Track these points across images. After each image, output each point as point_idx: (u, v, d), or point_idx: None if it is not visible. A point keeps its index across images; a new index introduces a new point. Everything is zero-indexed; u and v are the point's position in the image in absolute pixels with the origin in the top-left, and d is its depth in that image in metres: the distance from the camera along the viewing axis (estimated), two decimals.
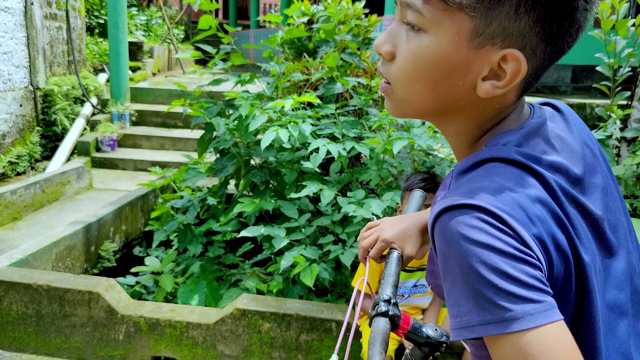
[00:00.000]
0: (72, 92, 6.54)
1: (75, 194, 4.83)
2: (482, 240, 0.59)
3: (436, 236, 0.64)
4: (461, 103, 0.71)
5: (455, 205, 0.62)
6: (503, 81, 0.67)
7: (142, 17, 10.78)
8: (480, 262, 0.59)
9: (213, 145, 3.38)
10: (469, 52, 0.66)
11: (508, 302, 0.58)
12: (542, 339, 0.57)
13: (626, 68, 4.01)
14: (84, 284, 2.48)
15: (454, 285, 0.62)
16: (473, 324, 0.60)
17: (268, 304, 2.42)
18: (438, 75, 0.69)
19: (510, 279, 0.58)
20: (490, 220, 0.60)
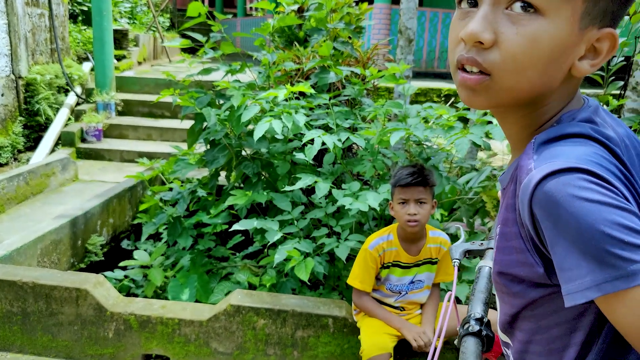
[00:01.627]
0: (56, 81, 6.38)
1: (60, 186, 4.72)
2: (595, 198, 0.60)
3: (541, 203, 0.64)
4: (556, 84, 0.72)
5: (558, 169, 0.63)
6: (599, 59, 0.70)
7: (126, 5, 10.55)
8: (600, 218, 0.59)
9: (203, 136, 3.30)
10: (578, 33, 0.68)
11: (632, 254, 0.58)
12: None
13: (619, 57, 3.98)
14: (71, 280, 2.40)
15: (571, 247, 0.61)
16: (599, 282, 0.59)
17: (263, 300, 2.36)
18: (551, 59, 0.69)
19: (629, 230, 0.59)
20: (595, 180, 0.61)
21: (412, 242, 2.16)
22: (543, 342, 0.76)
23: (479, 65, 0.69)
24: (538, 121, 0.76)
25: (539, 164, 0.66)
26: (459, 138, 2.44)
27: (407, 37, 4.12)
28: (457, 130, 2.57)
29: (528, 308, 0.76)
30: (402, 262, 2.18)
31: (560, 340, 0.73)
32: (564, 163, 0.63)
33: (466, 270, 2.62)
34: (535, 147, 0.70)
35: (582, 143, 0.68)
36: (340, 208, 2.86)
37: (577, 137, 0.69)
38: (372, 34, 8.58)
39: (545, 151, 0.68)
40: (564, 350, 0.73)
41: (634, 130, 3.92)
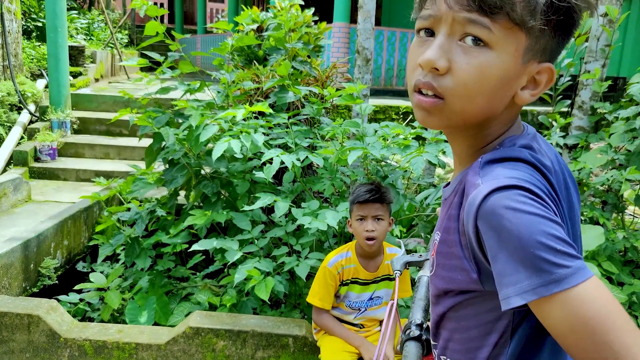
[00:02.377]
0: (8, 98, 6.20)
1: (11, 207, 4.56)
2: (531, 211, 0.67)
3: (486, 215, 0.71)
4: (500, 110, 0.81)
5: (501, 186, 0.70)
6: (538, 89, 0.80)
7: (83, 21, 10.38)
8: (535, 228, 0.66)
9: (162, 156, 3.27)
10: (521, 66, 0.77)
11: (563, 260, 0.65)
12: (595, 287, 0.65)
13: (566, 77, 4.17)
14: (23, 306, 2.32)
15: (511, 255, 0.68)
16: (534, 286, 0.66)
17: (222, 321, 2.34)
18: (497, 88, 0.77)
19: (559, 240, 0.66)
20: (531, 195, 0.69)
21: (370, 258, 2.20)
22: (461, 341, 0.83)
23: (434, 89, 0.77)
24: (482, 142, 0.84)
25: (484, 181, 0.73)
26: (415, 157, 2.50)
27: (365, 57, 4.21)
28: (413, 149, 2.63)
29: (453, 309, 0.83)
30: (360, 279, 2.21)
31: (476, 341, 0.81)
32: (506, 181, 0.70)
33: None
34: (481, 166, 0.78)
35: (520, 167, 0.75)
36: (300, 226, 2.88)
37: (517, 161, 0.77)
38: (331, 53, 8.70)
39: (489, 170, 0.76)
40: (477, 350, 0.80)
41: (580, 146, 4.10)
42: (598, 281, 0.66)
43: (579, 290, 0.65)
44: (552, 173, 0.79)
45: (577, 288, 0.65)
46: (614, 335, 0.63)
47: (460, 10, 0.74)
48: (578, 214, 0.89)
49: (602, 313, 0.64)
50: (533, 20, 0.73)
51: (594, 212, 3.55)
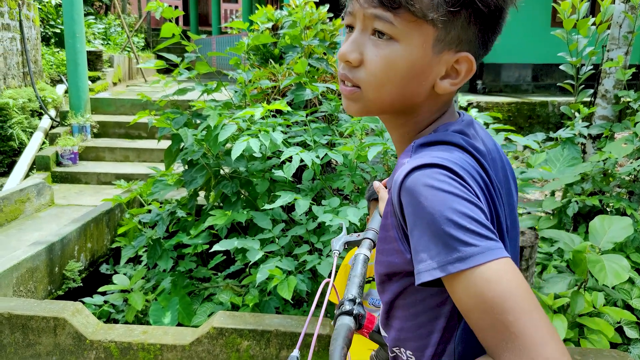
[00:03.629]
0: (29, 104, 6.29)
1: (35, 212, 4.63)
2: (447, 189, 0.70)
3: (406, 192, 0.73)
4: (420, 99, 0.83)
5: (423, 164, 0.73)
6: (458, 79, 0.82)
7: (100, 26, 10.50)
8: (448, 206, 0.68)
9: (181, 157, 3.27)
10: (432, 57, 0.79)
11: (473, 239, 0.67)
12: (502, 269, 0.67)
13: (588, 66, 4.08)
14: (49, 309, 2.34)
15: (424, 232, 0.70)
16: (443, 263, 0.67)
17: (246, 321, 2.33)
18: (407, 77, 0.80)
19: (472, 219, 0.68)
20: (449, 174, 0.71)
21: None
22: (412, 328, 0.83)
23: (349, 80, 0.82)
24: (414, 129, 0.87)
25: (411, 161, 0.76)
26: None
27: None
28: None
29: (400, 297, 0.84)
30: None
31: (425, 327, 0.81)
32: (428, 160, 0.73)
33: None
34: (414, 150, 0.81)
35: (451, 150, 0.78)
36: (321, 224, 2.86)
37: (449, 144, 0.80)
38: None
39: (420, 152, 0.79)
40: (428, 336, 0.81)
41: (605, 136, 4.01)
42: (508, 264, 0.68)
43: (483, 270, 0.66)
44: (486, 157, 0.81)
45: (483, 267, 0.66)
46: (513, 316, 0.65)
47: (367, 7, 0.78)
48: (516, 203, 0.93)
49: (505, 294, 0.65)
50: (434, 13, 0.75)
51: (621, 203, 3.47)
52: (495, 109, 7.22)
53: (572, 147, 3.80)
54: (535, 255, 2.61)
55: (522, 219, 3.87)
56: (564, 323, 2.46)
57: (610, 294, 2.99)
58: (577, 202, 3.56)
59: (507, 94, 8.80)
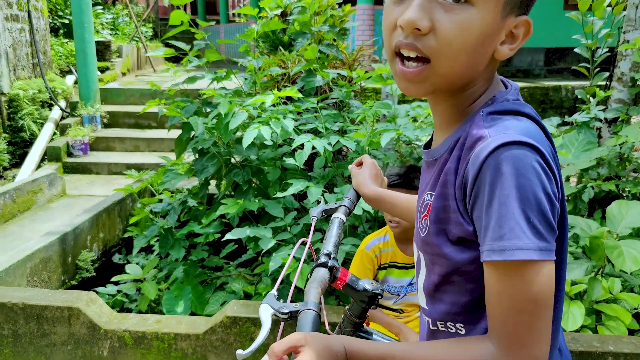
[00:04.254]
0: (39, 95, 6.30)
1: (47, 202, 4.64)
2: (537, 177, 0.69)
3: (492, 168, 0.70)
4: (482, 68, 0.80)
5: (512, 141, 0.70)
6: (516, 43, 0.80)
7: (108, 16, 10.47)
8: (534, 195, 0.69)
9: (191, 146, 3.25)
10: (500, 21, 0.77)
11: (547, 235, 0.69)
12: (549, 272, 0.70)
13: (604, 48, 3.99)
14: (63, 299, 2.34)
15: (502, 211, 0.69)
16: (514, 247, 0.68)
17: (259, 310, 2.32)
18: (479, 45, 0.76)
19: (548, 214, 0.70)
20: (540, 160, 0.70)
21: (408, 242, 2.14)
22: (468, 303, 0.83)
23: (418, 50, 0.75)
24: (467, 100, 0.83)
25: (494, 133, 0.73)
26: None
27: None
28: None
29: (457, 273, 0.82)
30: (399, 263, 2.16)
31: (481, 306, 0.79)
32: (516, 137, 0.70)
33: None
34: (484, 118, 0.77)
35: (524, 121, 0.76)
36: None
37: (519, 114, 0.78)
38: (356, 35, 8.58)
39: (495, 122, 0.76)
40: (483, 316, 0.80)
41: (621, 120, 3.94)
42: (553, 270, 0.70)
43: (543, 267, 0.69)
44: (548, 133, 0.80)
45: (545, 264, 0.69)
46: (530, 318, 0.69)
47: None
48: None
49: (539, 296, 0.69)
50: None
51: (638, 187, 3.41)
52: None
53: (588, 131, 3.73)
54: None
55: None
56: (582, 310, 2.42)
57: (627, 280, 2.94)
58: (592, 188, 3.51)
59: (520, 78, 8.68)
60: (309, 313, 0.88)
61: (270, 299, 0.97)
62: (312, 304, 0.90)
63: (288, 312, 0.92)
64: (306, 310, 0.88)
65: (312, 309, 0.88)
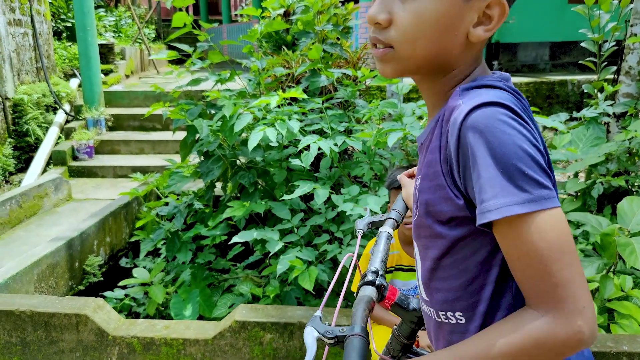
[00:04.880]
0: (43, 100, 6.30)
1: (54, 207, 4.64)
2: (516, 127, 0.69)
3: (471, 130, 0.71)
4: (456, 51, 0.81)
5: (485, 102, 0.71)
6: (492, 24, 0.79)
7: (110, 18, 10.47)
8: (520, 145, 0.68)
9: (197, 148, 3.24)
10: (462, 4, 0.77)
11: (545, 181, 0.68)
12: (559, 218, 0.68)
13: (611, 42, 3.94)
14: (70, 306, 2.33)
15: (492, 170, 0.69)
16: (514, 202, 0.67)
17: (268, 314, 2.30)
18: (439, 29, 0.78)
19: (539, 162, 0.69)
20: (513, 115, 0.71)
21: (410, 245, 2.11)
22: (463, 285, 0.82)
23: (381, 42, 0.81)
24: (451, 84, 0.84)
25: (466, 101, 0.74)
26: None
27: None
28: None
29: (449, 254, 0.82)
30: (404, 266, 2.13)
31: (477, 281, 0.80)
32: (488, 99, 0.72)
33: None
34: (460, 93, 0.79)
35: (499, 90, 0.77)
36: (340, 213, 2.81)
37: (494, 88, 0.78)
38: (359, 33, 8.54)
39: (469, 93, 0.77)
40: (481, 290, 0.80)
41: (629, 114, 3.89)
42: (562, 214, 0.69)
43: (549, 214, 0.67)
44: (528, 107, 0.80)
45: (550, 211, 0.67)
46: (559, 266, 0.67)
47: None
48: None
49: (557, 244, 0.67)
50: None
51: None
52: None
53: (596, 126, 3.69)
54: None
55: None
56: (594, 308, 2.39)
57: (639, 277, 2.91)
58: (602, 183, 3.47)
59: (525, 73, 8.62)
60: (356, 340, 0.84)
61: (315, 322, 0.93)
62: (359, 329, 0.86)
63: (334, 336, 0.89)
64: (353, 337, 0.85)
65: (359, 335, 0.85)
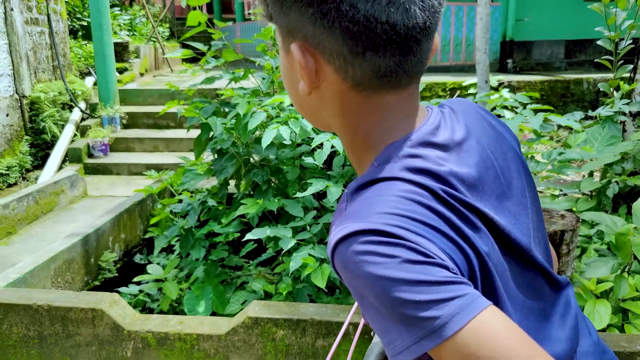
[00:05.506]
0: (60, 98, 6.38)
1: (70, 203, 4.71)
2: (378, 261, 0.58)
3: (340, 270, 0.62)
4: (323, 114, 0.73)
5: (347, 234, 0.60)
6: (304, 75, 0.68)
7: (125, 17, 10.56)
8: (389, 284, 0.57)
9: (210, 146, 3.26)
10: (288, 55, 0.70)
11: (431, 311, 0.56)
12: (478, 330, 0.55)
13: (627, 40, 3.90)
14: (86, 301, 2.36)
15: (377, 314, 0.60)
16: (407, 345, 0.58)
17: (281, 310, 2.31)
18: (288, 84, 0.74)
19: (423, 285, 0.57)
20: (383, 239, 0.59)
21: None
22: None
23: None
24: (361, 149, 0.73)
25: (339, 224, 0.63)
26: None
27: None
28: None
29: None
30: None
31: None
32: (353, 226, 0.60)
33: None
34: (348, 199, 0.68)
35: (388, 191, 0.64)
36: None
37: (389, 180, 0.65)
38: None
39: (352, 204, 0.66)
40: None
41: None
42: (483, 319, 0.56)
43: (458, 338, 0.55)
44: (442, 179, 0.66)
45: (455, 337, 0.55)
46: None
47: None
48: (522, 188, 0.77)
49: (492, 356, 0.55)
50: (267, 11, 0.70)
51: None
52: (527, 89, 7.02)
53: (612, 125, 3.66)
54: (576, 239, 2.52)
55: (558, 200, 3.76)
56: (608, 309, 2.38)
57: None
58: (617, 183, 3.43)
59: (539, 72, 8.56)
60: None
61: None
62: None
63: None
64: None
65: None
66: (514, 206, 0.74)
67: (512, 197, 0.75)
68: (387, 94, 0.68)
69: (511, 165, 0.77)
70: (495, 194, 0.72)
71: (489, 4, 5.10)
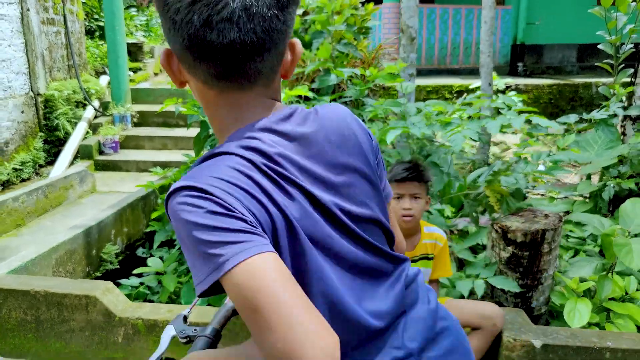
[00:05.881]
0: (74, 96, 6.55)
1: (78, 198, 4.84)
2: (189, 210, 0.75)
3: (170, 217, 0.79)
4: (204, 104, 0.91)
5: (176, 188, 0.78)
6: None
7: (141, 18, 10.77)
8: (194, 227, 0.73)
9: (209, 144, 3.35)
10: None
11: (219, 249, 0.72)
12: (249, 269, 0.70)
13: (628, 45, 3.91)
14: (81, 288, 2.47)
15: (187, 252, 0.76)
16: (202, 277, 0.73)
17: None
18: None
19: (218, 230, 0.72)
20: (197, 194, 0.76)
21: (407, 237, 2.17)
22: None
23: None
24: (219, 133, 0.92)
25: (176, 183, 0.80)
26: (455, 134, 2.44)
27: (409, 36, 4.13)
28: (453, 126, 2.57)
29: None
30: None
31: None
32: (181, 183, 0.78)
33: (471, 265, 2.61)
34: (195, 165, 0.84)
35: (224, 159, 0.81)
36: None
37: (222, 154, 0.83)
38: (382, 34, 8.58)
39: (193, 169, 0.83)
40: None
41: None
42: (256, 261, 0.70)
43: (233, 273, 0.70)
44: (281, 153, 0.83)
45: (232, 272, 0.70)
46: (264, 312, 0.68)
47: None
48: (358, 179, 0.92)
49: (255, 293, 0.68)
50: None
51: None
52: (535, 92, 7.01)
53: (606, 128, 3.67)
54: (558, 238, 2.56)
55: (555, 203, 3.78)
56: (588, 307, 2.41)
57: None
58: (613, 186, 3.45)
59: (550, 75, 8.52)
60: (201, 341, 0.97)
61: (177, 321, 1.04)
62: (210, 330, 0.99)
63: (186, 336, 1.01)
64: (200, 337, 0.97)
65: (206, 336, 0.98)
66: (346, 189, 0.90)
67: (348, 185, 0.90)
68: (235, 92, 0.86)
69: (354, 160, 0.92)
70: (326, 179, 0.88)
71: (493, 7, 5.13)
